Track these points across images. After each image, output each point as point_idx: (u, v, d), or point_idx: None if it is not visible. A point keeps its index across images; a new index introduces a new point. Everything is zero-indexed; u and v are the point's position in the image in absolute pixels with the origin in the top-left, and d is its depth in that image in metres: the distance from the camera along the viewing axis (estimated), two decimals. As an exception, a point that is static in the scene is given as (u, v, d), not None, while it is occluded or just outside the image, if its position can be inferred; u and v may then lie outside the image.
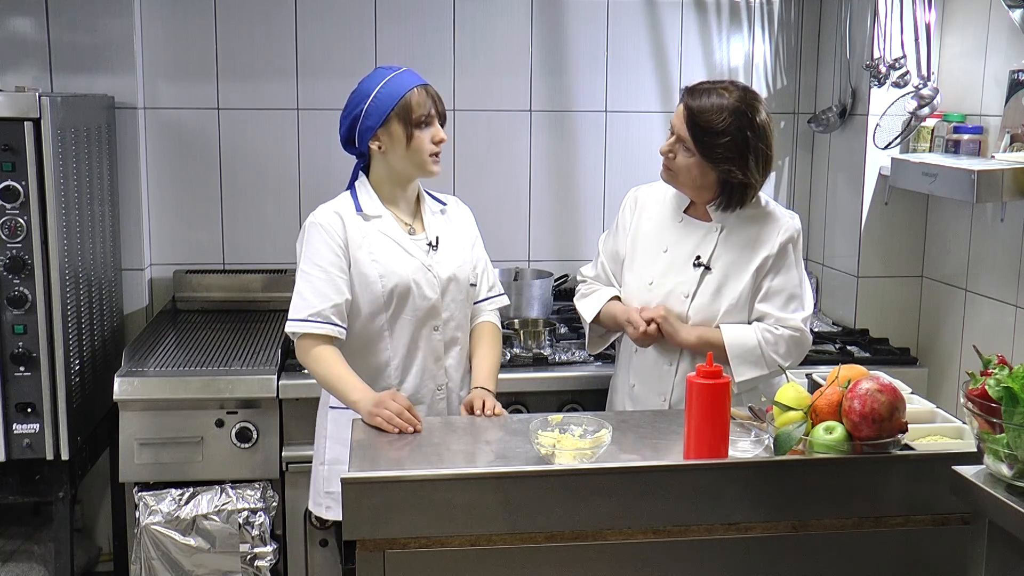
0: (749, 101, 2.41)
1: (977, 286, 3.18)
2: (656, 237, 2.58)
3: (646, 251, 2.58)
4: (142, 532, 2.81)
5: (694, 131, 2.40)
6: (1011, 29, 2.98)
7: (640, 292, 2.55)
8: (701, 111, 2.39)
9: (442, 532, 1.84)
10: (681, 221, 2.56)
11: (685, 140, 2.43)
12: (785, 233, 2.50)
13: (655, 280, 2.53)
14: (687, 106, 2.42)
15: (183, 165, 3.60)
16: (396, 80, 2.44)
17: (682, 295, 2.50)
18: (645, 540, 1.87)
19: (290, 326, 2.40)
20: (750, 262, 2.49)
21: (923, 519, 1.95)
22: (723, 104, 2.39)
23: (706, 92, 2.42)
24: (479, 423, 2.27)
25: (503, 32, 3.66)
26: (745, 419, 2.14)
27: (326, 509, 2.52)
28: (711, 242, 2.51)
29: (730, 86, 2.44)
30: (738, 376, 2.43)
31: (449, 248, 2.53)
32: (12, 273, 2.74)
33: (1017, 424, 1.51)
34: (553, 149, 3.75)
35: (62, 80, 3.41)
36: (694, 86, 2.47)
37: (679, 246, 2.54)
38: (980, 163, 2.85)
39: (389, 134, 2.42)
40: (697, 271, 2.50)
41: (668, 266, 2.53)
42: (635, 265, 2.59)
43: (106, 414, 3.18)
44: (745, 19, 3.76)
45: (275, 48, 3.58)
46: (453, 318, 2.51)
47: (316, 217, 2.46)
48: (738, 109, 2.38)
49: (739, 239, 2.50)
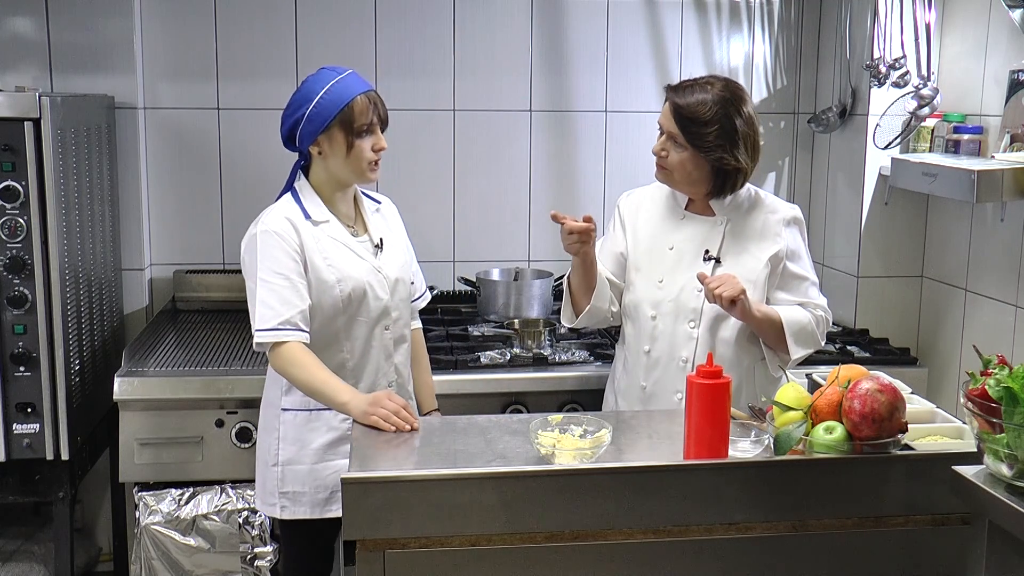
0: (732, 90, 2.47)
1: (977, 286, 3.18)
2: (659, 236, 2.59)
3: (650, 251, 2.58)
4: (142, 532, 2.81)
5: (683, 124, 2.44)
6: (1011, 29, 2.98)
7: (650, 291, 2.55)
8: (688, 105, 2.44)
9: (442, 532, 1.84)
10: (683, 218, 2.58)
11: (675, 136, 2.46)
12: (791, 221, 2.56)
13: (665, 278, 2.54)
14: (673, 102, 2.46)
15: (183, 165, 3.60)
16: (340, 85, 2.42)
17: (695, 290, 2.49)
18: (645, 540, 1.87)
19: (261, 336, 2.36)
20: (761, 251, 2.51)
21: (923, 519, 1.94)
22: (706, 96, 2.44)
23: (689, 88, 2.47)
24: (479, 423, 2.27)
25: (503, 32, 3.66)
26: (745, 419, 2.14)
27: (281, 509, 2.49)
28: (718, 235, 2.53)
29: (712, 79, 2.49)
30: (793, 355, 2.48)
31: (392, 248, 2.58)
32: (12, 273, 2.74)
33: (1017, 424, 1.51)
34: (553, 149, 3.75)
35: (62, 80, 3.41)
36: (677, 84, 2.52)
37: (686, 242, 2.55)
38: (980, 163, 2.85)
39: (330, 140, 2.41)
40: (708, 265, 2.51)
41: (676, 262, 2.54)
42: (641, 266, 2.59)
43: (106, 414, 3.18)
44: (745, 19, 3.76)
45: (275, 48, 3.58)
46: (401, 316, 2.56)
47: (268, 225, 2.43)
48: (723, 98, 2.44)
49: (745, 230, 2.54)
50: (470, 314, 3.60)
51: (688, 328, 2.51)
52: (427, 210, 3.71)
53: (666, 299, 2.52)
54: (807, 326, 2.49)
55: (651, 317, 2.54)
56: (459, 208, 3.74)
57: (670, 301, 2.52)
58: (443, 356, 3.08)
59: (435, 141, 3.69)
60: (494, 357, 3.11)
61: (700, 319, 2.51)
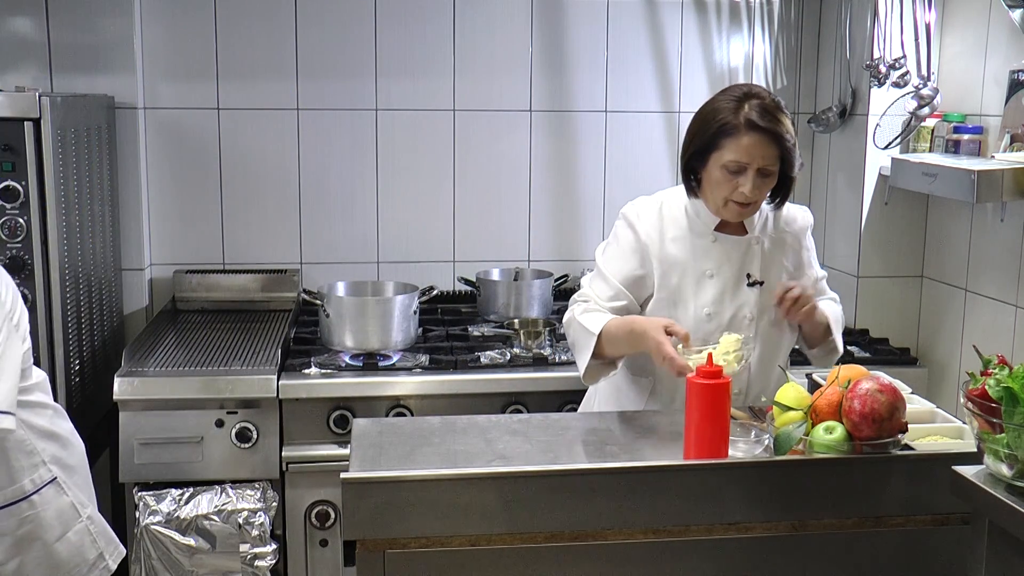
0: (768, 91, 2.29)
1: (977, 286, 3.18)
2: (692, 262, 2.35)
3: (686, 279, 2.35)
4: (142, 532, 2.81)
5: (785, 152, 2.22)
6: (1011, 29, 2.98)
7: (699, 325, 2.32)
8: (786, 129, 2.21)
9: (442, 532, 1.83)
10: (715, 240, 2.37)
11: (767, 168, 2.23)
12: (807, 225, 2.50)
13: (712, 310, 2.33)
14: (772, 132, 2.19)
15: (183, 165, 3.60)
16: None
17: (746, 319, 2.34)
18: (645, 540, 1.87)
19: None
20: (795, 268, 2.44)
21: (923, 519, 1.94)
22: (777, 104, 2.24)
23: (766, 109, 2.22)
24: (479, 423, 2.27)
25: (503, 32, 3.66)
26: (745, 419, 2.14)
27: None
28: (756, 256, 2.37)
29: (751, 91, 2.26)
30: (840, 347, 2.45)
31: None
32: (12, 273, 2.73)
33: (1017, 424, 1.51)
34: (553, 149, 3.75)
35: (62, 80, 3.41)
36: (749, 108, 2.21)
37: (725, 267, 2.35)
38: (980, 163, 2.85)
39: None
40: (752, 290, 2.35)
41: (721, 291, 2.34)
42: (680, 298, 2.35)
43: (106, 414, 3.18)
44: (745, 19, 3.76)
45: (275, 48, 3.58)
46: None
47: None
48: (781, 104, 2.27)
49: (776, 245, 2.41)
50: (470, 314, 3.60)
51: None
52: (427, 210, 3.71)
53: (715, 332, 2.29)
54: (840, 318, 2.50)
55: None
56: (459, 208, 3.74)
57: (721, 334, 2.24)
58: (443, 356, 3.08)
59: (435, 141, 3.69)
60: (494, 357, 3.11)
61: (754, 349, 2.34)
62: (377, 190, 3.67)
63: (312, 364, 3.04)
